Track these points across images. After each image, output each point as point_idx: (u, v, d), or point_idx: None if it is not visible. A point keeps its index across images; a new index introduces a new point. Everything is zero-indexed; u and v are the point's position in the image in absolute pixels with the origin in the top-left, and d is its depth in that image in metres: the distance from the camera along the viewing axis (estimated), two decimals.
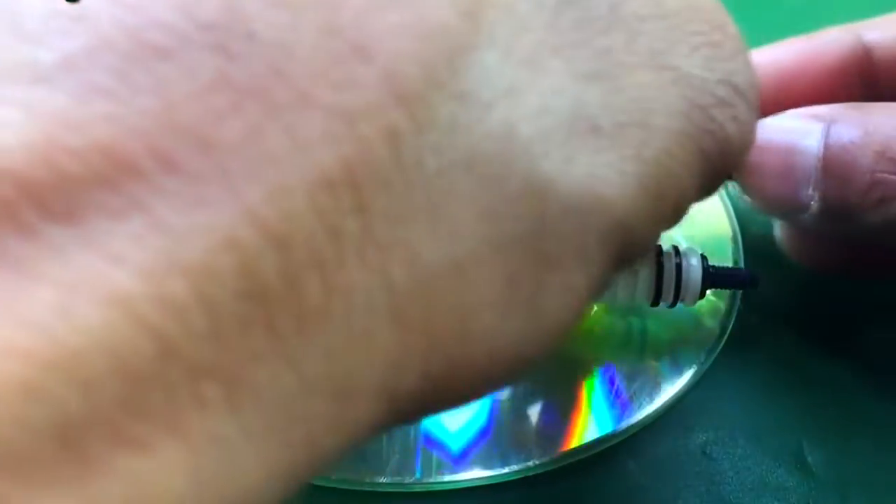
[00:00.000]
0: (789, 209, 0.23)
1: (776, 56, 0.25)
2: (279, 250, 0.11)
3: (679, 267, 0.24)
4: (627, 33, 0.15)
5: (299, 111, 0.11)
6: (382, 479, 0.22)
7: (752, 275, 0.24)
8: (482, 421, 0.23)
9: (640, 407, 0.24)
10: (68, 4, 0.11)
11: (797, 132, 0.22)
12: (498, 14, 0.13)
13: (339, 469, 0.22)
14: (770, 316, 0.26)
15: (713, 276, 0.24)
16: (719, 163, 0.16)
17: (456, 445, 0.23)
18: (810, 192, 0.22)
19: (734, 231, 0.28)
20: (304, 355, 0.11)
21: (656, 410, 0.24)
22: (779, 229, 0.26)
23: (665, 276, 0.24)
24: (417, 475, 0.22)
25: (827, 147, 0.22)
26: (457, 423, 0.23)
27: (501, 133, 0.13)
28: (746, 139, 0.17)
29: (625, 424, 0.23)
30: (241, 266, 0.11)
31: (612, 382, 0.24)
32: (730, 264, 0.27)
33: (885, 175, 0.21)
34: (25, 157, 0.10)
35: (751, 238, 0.27)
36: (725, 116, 0.16)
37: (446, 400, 0.14)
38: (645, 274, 0.24)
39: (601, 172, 0.14)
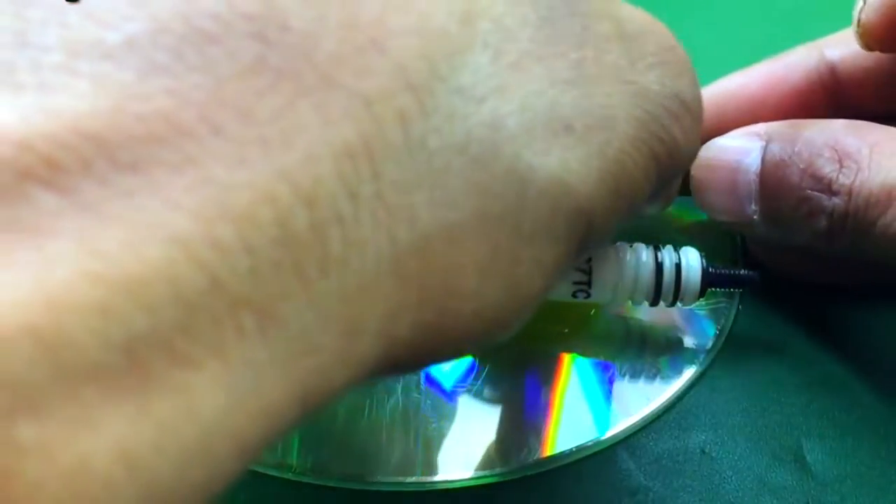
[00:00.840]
0: (737, 223, 0.25)
1: (744, 81, 0.27)
2: (308, 207, 0.13)
3: (678, 267, 0.24)
4: (596, 50, 0.17)
5: (325, 91, 0.13)
6: (382, 479, 0.22)
7: (751, 275, 0.24)
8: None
9: (639, 407, 0.24)
10: None
11: (740, 151, 0.24)
12: (489, 25, 0.16)
13: (339, 468, 0.22)
14: (769, 316, 0.26)
15: (713, 276, 0.24)
16: (668, 167, 0.18)
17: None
18: (753, 207, 0.24)
19: (733, 231, 0.28)
20: (324, 297, 0.13)
21: (656, 410, 0.24)
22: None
23: (665, 275, 0.24)
24: (417, 475, 0.22)
25: (763, 165, 0.24)
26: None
27: (491, 123, 0.15)
28: (692, 148, 0.19)
29: (625, 424, 0.23)
30: (277, 217, 0.13)
31: (611, 382, 0.24)
32: (729, 264, 0.27)
33: (811, 192, 0.23)
34: (98, 120, 0.12)
35: (750, 238, 0.27)
36: (675, 126, 0.18)
37: (435, 351, 0.16)
38: (645, 274, 0.24)
39: (572, 165, 0.16)
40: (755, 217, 0.24)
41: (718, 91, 0.27)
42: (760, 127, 0.24)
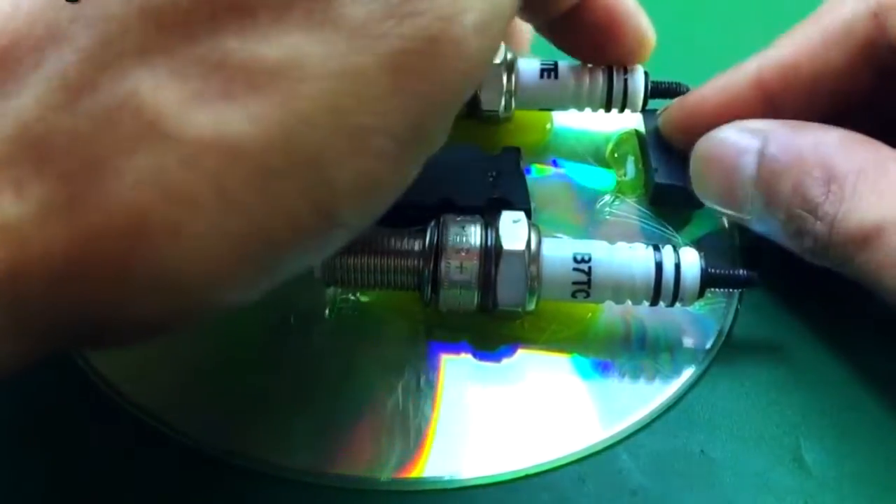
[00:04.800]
0: (734, 219, 0.25)
1: (702, 95, 0.27)
2: None
3: (678, 267, 0.24)
4: None
5: None
6: (382, 479, 0.22)
7: (750, 275, 0.24)
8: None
9: (639, 407, 0.24)
10: None
11: (738, 148, 0.24)
12: None
13: (338, 468, 0.22)
14: (768, 316, 0.26)
15: (712, 277, 0.24)
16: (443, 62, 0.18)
17: None
18: (748, 208, 0.24)
19: (733, 231, 0.28)
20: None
21: (656, 410, 0.24)
22: None
23: (664, 276, 0.24)
24: (417, 475, 0.22)
25: (758, 170, 0.24)
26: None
27: None
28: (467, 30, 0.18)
29: (624, 424, 0.23)
30: None
31: (611, 382, 0.24)
32: (729, 264, 0.27)
33: (798, 211, 0.23)
34: None
35: (749, 238, 0.27)
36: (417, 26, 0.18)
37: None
38: (644, 274, 0.24)
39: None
40: (749, 217, 0.24)
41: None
42: (759, 124, 0.24)
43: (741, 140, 0.24)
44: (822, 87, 0.25)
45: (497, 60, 0.29)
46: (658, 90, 0.29)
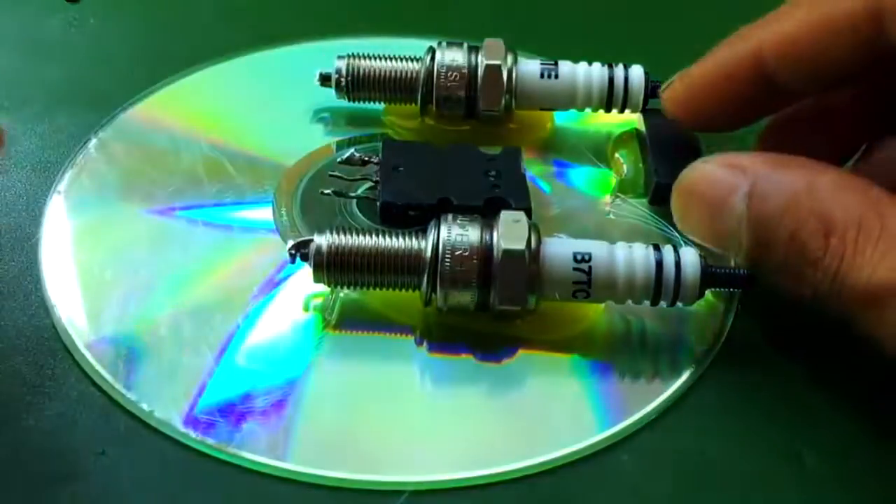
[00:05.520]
0: (719, 255, 0.24)
1: (701, 70, 0.27)
2: None
3: (678, 266, 0.24)
4: None
5: None
6: (382, 479, 0.22)
7: (750, 275, 0.24)
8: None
9: (639, 407, 0.24)
10: None
11: (725, 187, 0.24)
12: None
13: (339, 468, 0.22)
14: (768, 316, 0.26)
15: (712, 276, 0.24)
16: None
17: None
18: (737, 247, 0.24)
19: None
20: None
21: (655, 410, 0.24)
22: None
23: (664, 275, 0.24)
24: (417, 475, 0.22)
25: (750, 213, 0.23)
26: None
27: None
28: None
29: (624, 424, 0.23)
30: None
31: (611, 382, 0.24)
32: (728, 264, 0.27)
33: (796, 260, 0.22)
34: None
35: None
36: None
37: None
38: (644, 274, 0.24)
39: None
40: (737, 259, 0.24)
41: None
42: (745, 160, 0.24)
43: (727, 178, 0.24)
44: (822, 69, 0.25)
45: (497, 61, 0.29)
46: (658, 90, 0.29)
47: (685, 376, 0.25)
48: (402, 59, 0.30)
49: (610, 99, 0.29)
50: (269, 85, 0.33)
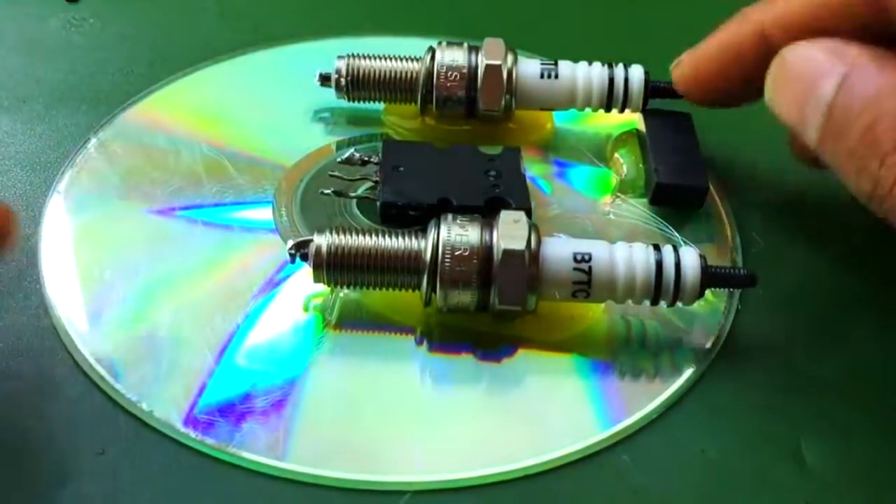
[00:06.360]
0: (797, 135, 0.24)
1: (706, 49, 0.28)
2: None
3: (678, 266, 0.24)
4: None
5: None
6: (383, 479, 0.22)
7: (750, 274, 0.24)
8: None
9: (639, 407, 0.24)
10: None
11: (821, 70, 0.23)
12: None
13: (339, 468, 0.22)
14: (768, 316, 0.26)
15: (712, 276, 0.24)
16: None
17: None
18: (813, 133, 0.23)
19: (733, 231, 0.28)
20: None
21: (656, 410, 0.24)
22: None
23: (664, 275, 0.24)
24: (417, 475, 0.22)
25: (837, 98, 0.23)
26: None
27: None
28: None
29: (624, 424, 0.23)
30: None
31: (611, 382, 0.24)
32: (728, 264, 0.27)
33: (865, 150, 0.22)
34: None
35: (749, 238, 0.27)
36: None
37: None
38: (644, 274, 0.24)
39: None
40: (813, 138, 0.24)
41: None
42: (851, 50, 0.24)
43: (826, 62, 0.24)
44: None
45: (497, 61, 0.29)
46: (658, 90, 0.29)
47: (685, 376, 0.25)
48: (402, 59, 0.30)
49: (610, 99, 0.29)
50: (269, 85, 0.33)
